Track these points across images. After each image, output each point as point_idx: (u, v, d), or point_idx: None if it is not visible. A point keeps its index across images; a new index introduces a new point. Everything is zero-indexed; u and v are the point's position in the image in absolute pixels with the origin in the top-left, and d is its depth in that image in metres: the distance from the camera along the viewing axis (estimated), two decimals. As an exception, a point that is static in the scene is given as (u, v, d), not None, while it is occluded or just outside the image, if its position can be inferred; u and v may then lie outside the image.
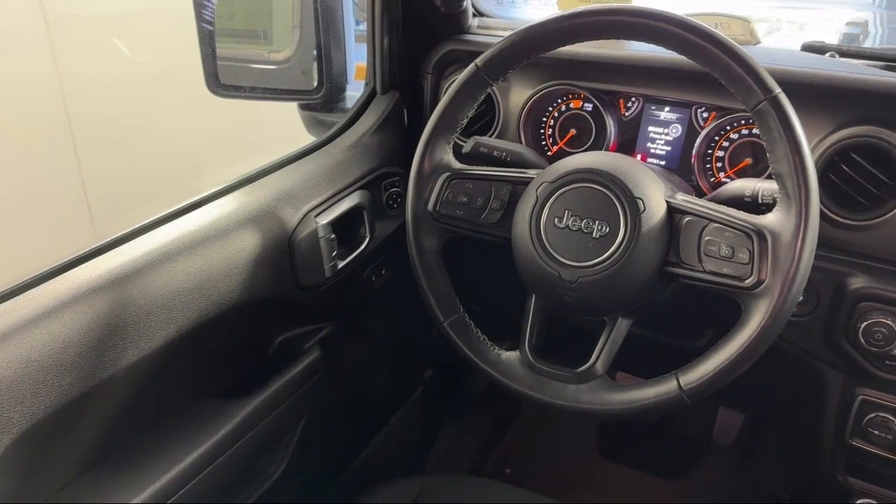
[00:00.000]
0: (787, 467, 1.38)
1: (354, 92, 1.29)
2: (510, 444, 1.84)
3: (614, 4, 0.86)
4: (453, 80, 0.92)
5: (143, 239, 0.86)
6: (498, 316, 1.16)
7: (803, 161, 0.73)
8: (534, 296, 0.91)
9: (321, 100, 1.27)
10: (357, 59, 1.37)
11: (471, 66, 0.89)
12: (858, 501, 1.00)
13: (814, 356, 1.02)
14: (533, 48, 0.87)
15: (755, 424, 1.68)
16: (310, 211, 1.02)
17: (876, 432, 1.00)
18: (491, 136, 1.19)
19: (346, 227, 1.09)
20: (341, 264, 1.07)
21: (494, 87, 1.14)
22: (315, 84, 1.27)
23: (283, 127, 1.47)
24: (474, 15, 1.28)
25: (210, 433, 0.91)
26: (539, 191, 0.86)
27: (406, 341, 1.49)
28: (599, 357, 0.86)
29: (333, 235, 1.04)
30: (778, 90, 0.74)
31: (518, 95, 1.16)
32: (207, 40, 1.12)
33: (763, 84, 0.74)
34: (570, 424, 1.87)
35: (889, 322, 0.91)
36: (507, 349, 0.92)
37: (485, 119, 1.20)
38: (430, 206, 0.93)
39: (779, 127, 0.74)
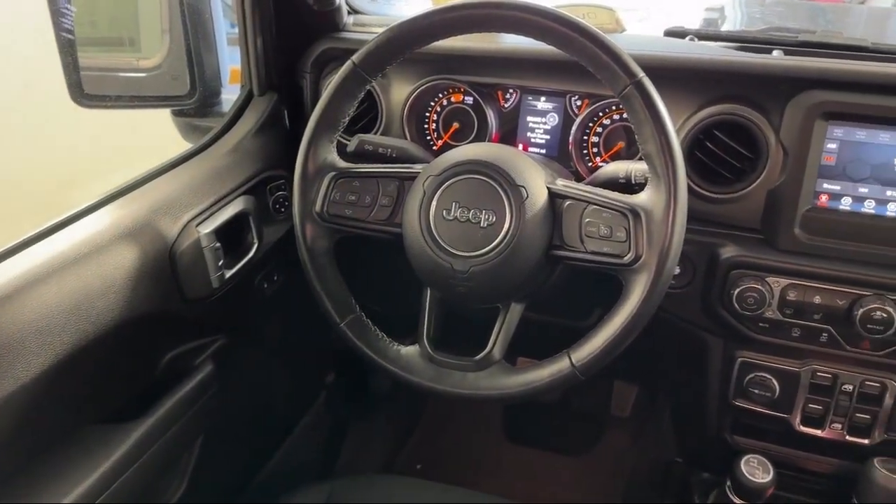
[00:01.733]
0: (680, 432, 1.45)
1: (232, 95, 1.25)
2: (420, 440, 1.85)
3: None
4: (332, 79, 0.91)
5: (9, 262, 0.80)
6: (397, 312, 1.16)
7: (668, 141, 0.77)
8: (429, 289, 0.92)
9: (195, 105, 1.23)
10: (233, 62, 1.33)
11: (347, 64, 0.89)
12: (745, 457, 1.06)
13: (695, 324, 1.08)
14: (408, 43, 0.87)
15: (648, 395, 1.76)
16: (190, 220, 0.99)
17: (756, 391, 1.07)
18: (375, 133, 1.18)
19: (231, 235, 1.06)
20: (229, 273, 1.04)
21: (375, 84, 1.14)
22: (188, 89, 1.22)
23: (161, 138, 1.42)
24: (349, 12, 1.27)
25: (99, 461, 0.86)
26: (426, 184, 0.87)
27: (305, 347, 1.46)
28: (496, 343, 0.88)
29: (218, 244, 1.01)
30: (641, 75, 0.78)
31: (399, 92, 1.16)
32: (68, 49, 1.05)
33: (627, 69, 0.78)
34: (477, 413, 1.90)
35: (759, 287, 0.98)
36: (409, 345, 0.93)
37: (368, 117, 1.19)
38: (317, 208, 0.91)
39: (644, 109, 0.78)
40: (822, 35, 1.10)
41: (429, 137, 1.20)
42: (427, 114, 1.19)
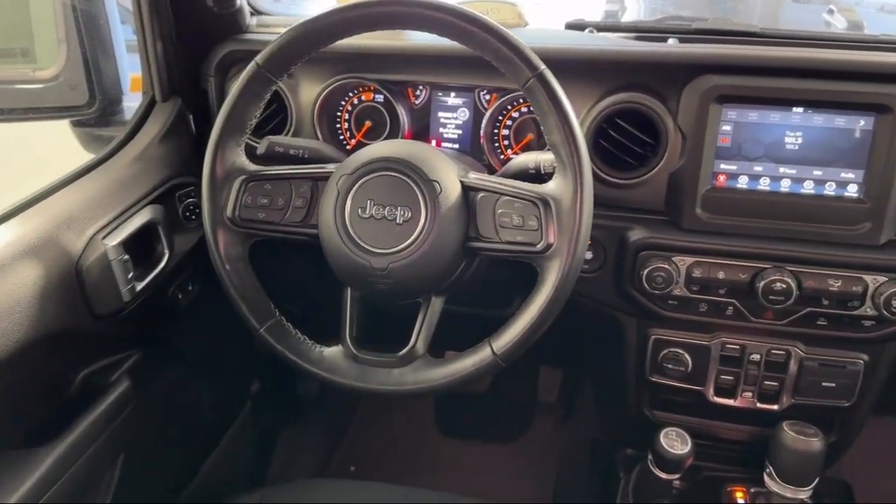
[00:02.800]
0: (603, 411, 1.50)
1: (134, 104, 1.21)
2: (353, 441, 1.84)
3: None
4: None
5: None
6: (318, 314, 1.15)
7: (572, 130, 0.80)
8: (349, 288, 0.92)
9: (95, 114, 1.19)
10: (134, 69, 1.29)
11: (251, 65, 0.87)
12: (664, 431, 1.10)
13: (609, 306, 1.12)
14: (312, 43, 0.87)
15: (573, 378, 1.81)
16: (96, 233, 0.95)
17: (670, 366, 1.11)
18: (286, 135, 1.17)
19: (141, 247, 1.03)
20: (140, 286, 1.01)
21: (282, 85, 1.13)
22: (87, 98, 1.18)
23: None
24: (252, 13, 1.25)
25: (13, 488, 0.83)
26: (339, 184, 0.87)
27: (227, 356, 1.43)
28: (419, 338, 0.89)
29: (127, 256, 0.98)
30: (543, 67, 0.80)
31: (308, 92, 1.15)
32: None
33: (529, 62, 0.80)
34: (409, 409, 1.90)
35: (666, 266, 1.02)
36: (332, 346, 0.92)
37: (278, 118, 1.18)
38: (228, 213, 0.90)
39: (547, 101, 0.80)
40: (714, 22, 1.15)
41: (342, 137, 1.19)
42: (338, 113, 1.18)
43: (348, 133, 1.19)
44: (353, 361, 0.90)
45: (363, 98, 1.17)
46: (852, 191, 0.98)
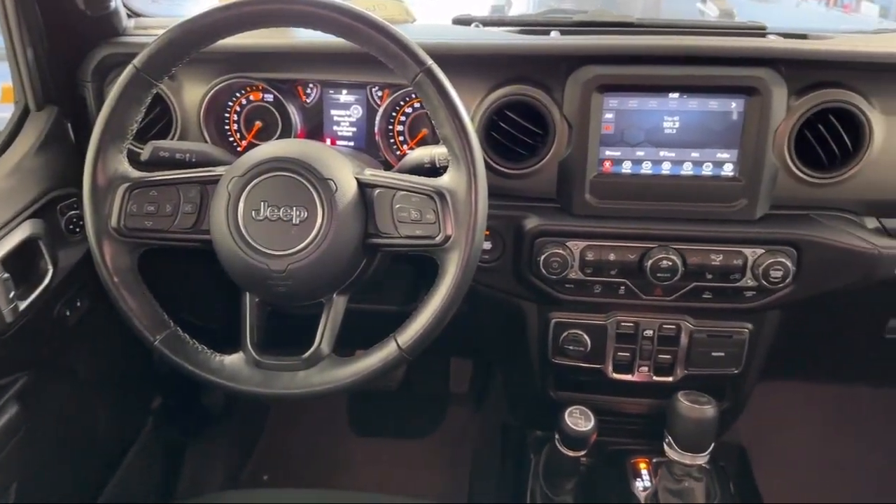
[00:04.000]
0: (512, 396, 1.54)
1: (6, 114, 1.14)
2: (265, 449, 1.80)
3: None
4: (115, 86, 0.85)
5: None
6: (217, 322, 1.12)
7: (462, 123, 0.81)
8: (247, 293, 0.90)
9: (-39, 127, 1.11)
10: (4, 79, 1.21)
11: (129, 68, 0.84)
12: (568, 409, 1.14)
13: (511, 293, 1.15)
14: (191, 44, 0.84)
15: (483, 367, 1.84)
16: None
17: (571, 347, 1.15)
18: (171, 139, 1.13)
19: (22, 264, 0.97)
20: (24, 305, 0.95)
21: (164, 88, 1.09)
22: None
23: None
24: (129, 16, 1.20)
25: None
26: (230, 186, 0.85)
27: (124, 371, 1.38)
28: (323, 338, 0.88)
29: (7, 275, 0.92)
30: (430, 62, 0.81)
31: (193, 94, 1.12)
32: None
33: (416, 58, 0.81)
34: (322, 412, 1.88)
35: (561, 251, 1.05)
36: (234, 353, 0.90)
37: (162, 122, 1.14)
38: (113, 223, 0.86)
39: (436, 95, 0.81)
40: (594, 14, 1.20)
41: (231, 139, 1.17)
42: (227, 115, 1.16)
43: (238, 134, 1.16)
44: (255, 367, 0.88)
45: (252, 98, 1.15)
46: (728, 170, 1.04)
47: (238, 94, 1.15)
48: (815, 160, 1.01)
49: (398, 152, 1.14)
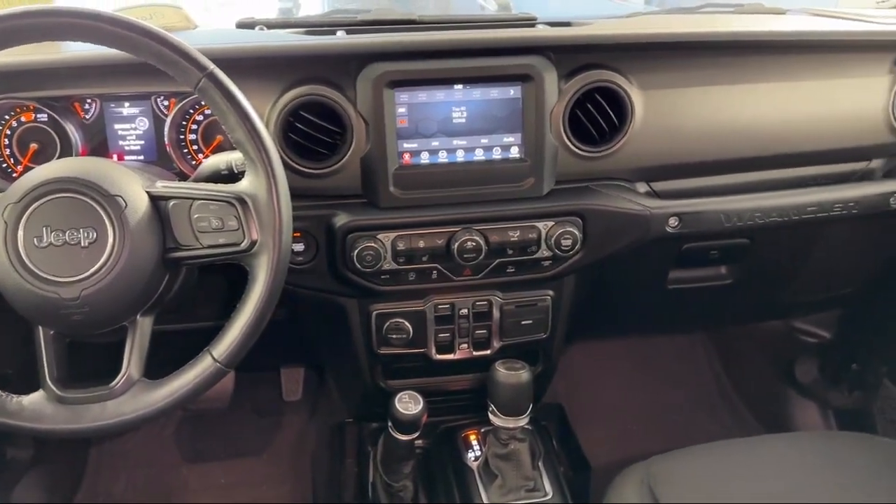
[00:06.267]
0: (345, 393, 1.55)
1: None
2: (88, 492, 1.67)
3: (33, 7, 0.80)
4: None
5: None
6: (11, 366, 1.03)
7: (254, 125, 0.81)
8: (40, 327, 0.84)
9: None
10: None
11: None
12: (397, 396, 1.17)
13: (330, 292, 1.16)
14: None
15: (314, 371, 1.83)
16: None
17: (394, 336, 1.19)
18: None
19: None
20: None
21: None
22: None
23: None
24: None
25: None
26: (6, 215, 0.79)
27: None
28: (131, 363, 0.84)
29: None
30: (212, 67, 0.80)
31: (-50, 120, 1.02)
32: None
33: (197, 64, 0.79)
34: (148, 444, 1.78)
35: (373, 244, 1.08)
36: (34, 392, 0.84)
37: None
38: None
39: (223, 99, 0.80)
40: (377, 13, 1.23)
41: (5, 165, 1.07)
42: (-5, 139, 1.06)
43: (11, 160, 1.07)
44: (59, 404, 0.83)
45: (23, 119, 1.06)
46: (515, 152, 1.12)
47: (7, 116, 1.06)
48: (589, 136, 1.12)
49: (194, 162, 1.10)
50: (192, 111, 1.08)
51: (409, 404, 1.15)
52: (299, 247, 1.09)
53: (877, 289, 1.51)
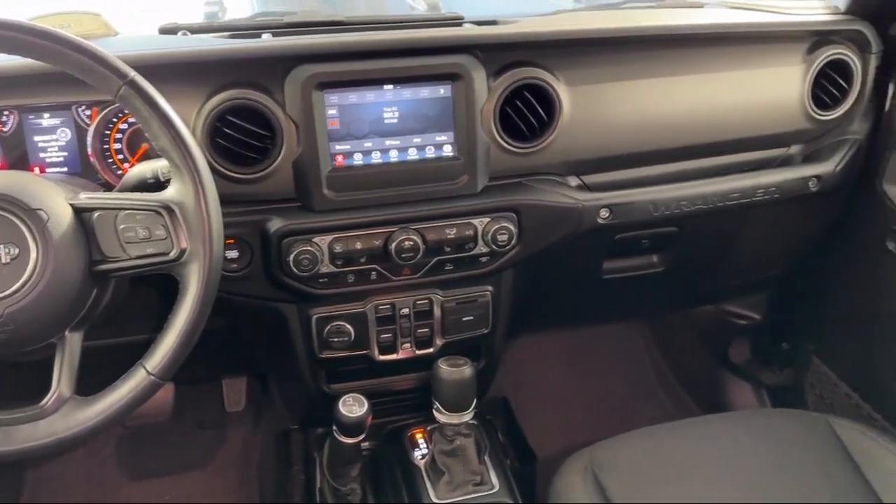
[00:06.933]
0: (288, 400, 1.54)
1: None
2: None
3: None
4: None
5: None
6: None
7: (178, 131, 0.80)
8: None
9: None
10: None
11: None
12: (341, 399, 1.16)
13: (268, 299, 1.15)
14: None
15: (256, 380, 1.81)
16: None
17: (335, 340, 1.18)
18: None
19: None
20: None
21: None
22: None
23: None
24: None
25: None
26: None
27: None
28: (61, 380, 0.82)
29: None
30: (132, 74, 0.79)
31: None
32: None
33: (117, 71, 0.78)
34: (85, 463, 1.73)
35: (310, 248, 1.07)
36: None
37: None
38: None
39: (145, 106, 0.79)
40: (304, 15, 1.22)
41: (-84, 183, 1.02)
42: None
43: (-76, 177, 1.02)
44: None
45: (-66, 135, 1.02)
46: (448, 151, 1.12)
47: (-85, 132, 1.01)
48: (520, 133, 1.14)
49: (119, 172, 1.07)
50: (115, 120, 1.05)
51: (353, 407, 1.15)
52: (233, 254, 1.07)
53: (802, 270, 1.57)
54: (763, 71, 1.26)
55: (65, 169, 1.07)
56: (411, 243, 1.10)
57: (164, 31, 1.16)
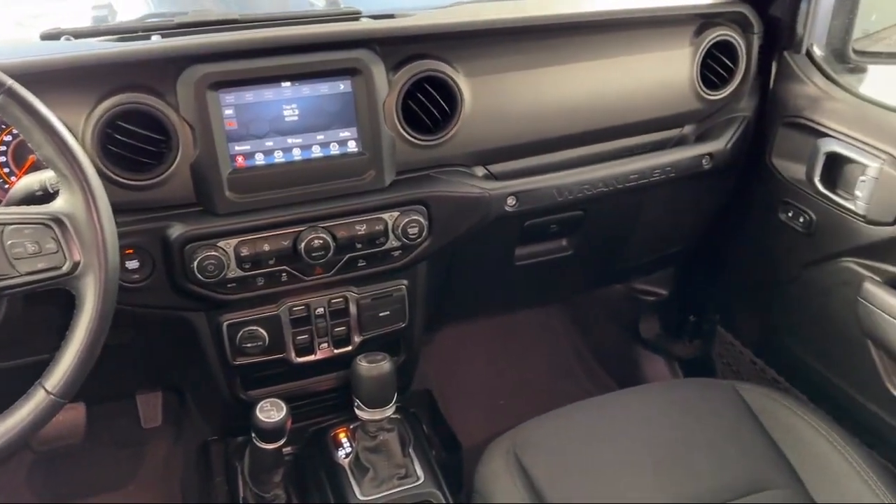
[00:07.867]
0: (205, 411, 1.50)
1: None
2: None
3: None
4: None
5: None
6: None
7: (63, 140, 0.76)
8: None
9: None
10: None
11: None
12: (259, 405, 1.14)
13: (173, 308, 1.11)
14: None
15: (172, 393, 1.75)
16: None
17: (249, 345, 1.16)
18: None
19: None
20: None
21: None
22: None
23: None
24: None
25: None
26: None
27: None
28: None
29: None
30: (10, 82, 0.75)
31: None
32: None
33: None
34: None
35: (215, 253, 1.05)
36: None
37: None
38: None
39: (25, 116, 0.75)
40: (195, 15, 1.19)
41: None
42: None
43: None
44: None
45: None
46: (352, 146, 1.12)
47: None
48: (423, 125, 1.14)
49: (6, 186, 1.02)
50: (-3, 132, 1.00)
51: (271, 412, 1.13)
52: (133, 264, 1.04)
53: (703, 245, 1.65)
54: (654, 55, 1.31)
55: (-55, 186, 1.01)
56: (321, 242, 1.09)
57: (47, 36, 1.11)
